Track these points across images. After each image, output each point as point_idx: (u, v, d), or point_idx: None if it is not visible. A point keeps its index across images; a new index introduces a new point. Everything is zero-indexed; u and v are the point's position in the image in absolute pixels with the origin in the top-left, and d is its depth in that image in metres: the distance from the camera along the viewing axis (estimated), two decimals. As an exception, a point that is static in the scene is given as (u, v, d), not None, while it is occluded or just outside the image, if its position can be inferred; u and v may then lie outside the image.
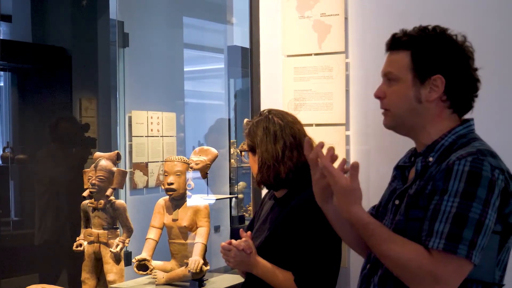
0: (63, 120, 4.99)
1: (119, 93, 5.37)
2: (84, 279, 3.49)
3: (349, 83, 2.97)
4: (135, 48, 5.44)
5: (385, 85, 1.93)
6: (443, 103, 1.87)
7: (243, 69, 6.11)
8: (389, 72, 1.91)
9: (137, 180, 5.38)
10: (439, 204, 1.72)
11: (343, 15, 2.97)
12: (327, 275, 2.38)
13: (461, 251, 1.67)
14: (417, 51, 1.87)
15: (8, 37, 5.36)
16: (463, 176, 1.70)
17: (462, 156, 1.74)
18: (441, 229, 1.69)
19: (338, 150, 2.96)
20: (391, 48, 1.93)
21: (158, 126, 5.54)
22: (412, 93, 1.87)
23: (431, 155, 1.85)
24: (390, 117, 1.93)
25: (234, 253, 2.43)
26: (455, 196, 1.70)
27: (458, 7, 2.71)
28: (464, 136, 1.85)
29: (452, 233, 1.67)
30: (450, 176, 1.72)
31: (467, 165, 1.71)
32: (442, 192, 1.73)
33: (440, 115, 1.88)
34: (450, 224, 1.68)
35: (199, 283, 3.27)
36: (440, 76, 1.84)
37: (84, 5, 5.27)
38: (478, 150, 1.75)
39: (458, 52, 1.86)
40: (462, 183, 1.70)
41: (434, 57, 1.85)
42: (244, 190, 6.07)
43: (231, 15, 6.04)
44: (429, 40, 1.87)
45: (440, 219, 1.70)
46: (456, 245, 1.67)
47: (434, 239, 1.70)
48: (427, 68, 1.85)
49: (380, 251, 1.80)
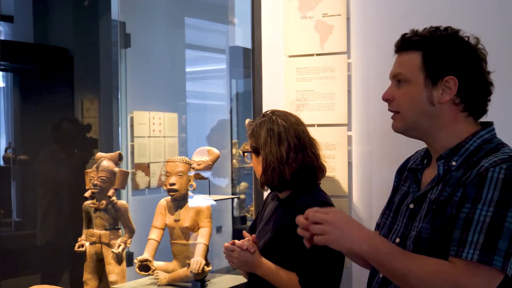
0: (65, 121, 4.99)
1: (121, 94, 5.37)
2: (86, 280, 3.49)
3: (351, 83, 2.97)
4: (137, 48, 5.44)
5: (394, 87, 1.86)
6: (456, 106, 1.80)
7: (245, 69, 6.12)
8: (399, 73, 1.84)
9: (139, 181, 5.38)
10: (472, 213, 1.65)
11: (345, 16, 2.96)
12: (331, 276, 2.38)
13: (496, 262, 1.60)
14: (429, 51, 1.80)
15: (10, 38, 5.36)
16: (498, 184, 1.64)
17: (496, 163, 1.67)
18: (475, 240, 1.62)
19: (340, 150, 2.96)
20: (400, 49, 1.86)
21: (160, 127, 5.54)
22: (424, 95, 1.80)
23: (454, 159, 1.79)
24: (401, 120, 1.85)
25: (237, 254, 2.43)
26: (489, 205, 1.63)
27: (461, 7, 2.71)
28: (490, 141, 1.79)
29: (486, 243, 1.61)
30: (484, 184, 1.66)
31: (502, 172, 1.65)
32: (474, 200, 1.66)
33: (455, 118, 1.81)
34: (484, 234, 1.61)
35: (201, 283, 3.26)
36: (453, 77, 1.77)
37: (86, 6, 5.27)
38: (510, 157, 1.69)
39: (471, 54, 1.80)
40: (497, 191, 1.63)
41: (446, 57, 1.79)
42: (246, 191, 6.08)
43: (233, 16, 6.05)
44: (441, 40, 1.81)
45: (474, 229, 1.63)
46: (491, 256, 1.60)
47: (468, 250, 1.62)
48: (439, 68, 1.79)
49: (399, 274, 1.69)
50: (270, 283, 2.43)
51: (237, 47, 6.12)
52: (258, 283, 2.48)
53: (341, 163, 2.95)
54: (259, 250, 2.47)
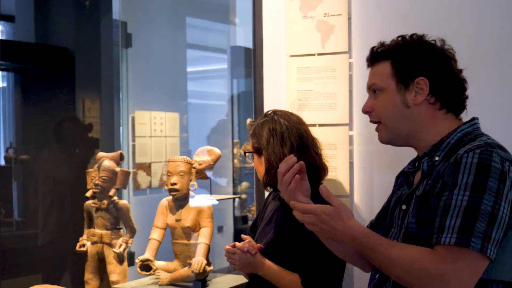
0: (66, 121, 4.99)
1: (122, 94, 5.37)
2: (87, 280, 3.48)
3: (353, 83, 2.97)
4: (138, 48, 5.45)
5: (371, 99, 1.94)
6: (432, 105, 1.86)
7: (246, 69, 6.12)
8: (372, 84, 1.92)
9: (140, 181, 5.38)
10: (449, 199, 1.67)
11: (346, 15, 2.96)
12: (333, 277, 2.38)
13: (474, 244, 1.60)
14: (397, 58, 1.87)
15: (11, 38, 5.36)
16: (472, 168, 1.66)
17: (470, 149, 1.70)
18: (453, 224, 1.63)
19: (342, 150, 2.96)
20: (372, 61, 1.94)
21: (161, 127, 5.55)
22: (398, 99, 1.86)
23: (437, 154, 1.83)
24: (384, 129, 1.92)
25: (238, 256, 2.43)
26: (465, 189, 1.65)
27: (460, 7, 2.71)
28: (470, 133, 1.83)
29: (463, 226, 1.62)
30: (459, 169, 1.68)
31: (475, 157, 1.67)
32: (451, 186, 1.69)
33: (434, 117, 1.86)
34: (461, 217, 1.63)
35: (202, 283, 3.26)
36: (422, 78, 1.84)
37: (87, 6, 5.27)
38: (486, 143, 1.72)
39: (438, 54, 1.87)
40: (472, 175, 1.65)
41: (413, 60, 1.86)
42: (247, 191, 6.07)
43: (234, 16, 6.05)
44: (407, 46, 1.88)
45: (451, 213, 1.65)
46: (469, 238, 1.60)
47: (446, 234, 1.63)
48: (408, 72, 1.85)
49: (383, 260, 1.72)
50: (272, 283, 2.43)
51: (238, 47, 6.12)
52: (259, 283, 2.48)
53: (343, 163, 2.95)
54: (261, 251, 2.47)
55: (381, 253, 1.71)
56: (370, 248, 1.73)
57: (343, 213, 1.74)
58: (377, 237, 1.75)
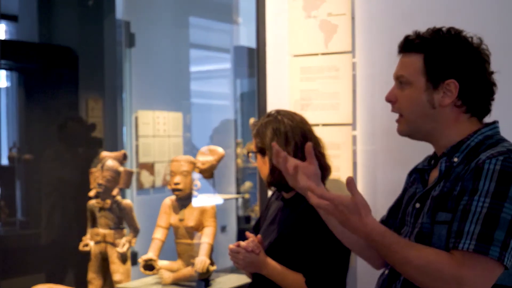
0: (69, 120, 5.00)
1: (125, 93, 5.38)
2: (90, 279, 3.49)
3: (356, 83, 2.96)
4: (141, 48, 5.45)
5: (397, 89, 1.88)
6: (458, 108, 1.82)
7: (250, 69, 6.12)
8: (401, 76, 1.86)
9: (143, 180, 5.38)
10: (469, 205, 1.66)
11: (349, 15, 2.96)
12: (338, 277, 2.38)
13: (493, 253, 1.60)
14: (430, 55, 1.81)
15: (14, 37, 5.37)
16: (494, 175, 1.65)
17: (492, 156, 1.68)
18: (472, 230, 1.62)
19: (345, 150, 2.96)
20: (403, 50, 1.88)
21: (165, 126, 5.55)
22: (425, 98, 1.82)
23: (456, 155, 1.80)
24: (404, 123, 1.88)
25: (242, 255, 2.42)
26: (486, 196, 1.64)
27: (465, 6, 2.70)
28: (491, 137, 1.80)
29: (483, 233, 1.61)
30: (480, 175, 1.67)
31: (498, 164, 1.66)
32: (472, 192, 1.67)
33: (457, 120, 1.83)
34: (481, 225, 1.62)
35: (206, 283, 3.26)
36: (453, 80, 1.79)
37: (91, 5, 5.27)
38: (509, 150, 1.70)
39: (473, 56, 1.81)
40: (493, 182, 1.64)
41: (447, 60, 1.80)
42: (250, 190, 6.07)
43: (237, 15, 6.04)
44: (443, 43, 1.81)
45: (471, 220, 1.64)
46: (488, 246, 1.60)
47: (464, 240, 1.62)
48: (440, 72, 1.80)
49: (398, 259, 1.71)
50: (275, 283, 2.43)
51: (241, 46, 6.11)
52: (262, 283, 2.48)
53: (346, 163, 2.95)
54: (264, 251, 2.46)
55: (397, 252, 1.70)
56: (385, 247, 1.71)
57: (362, 208, 1.70)
58: (393, 236, 1.73)
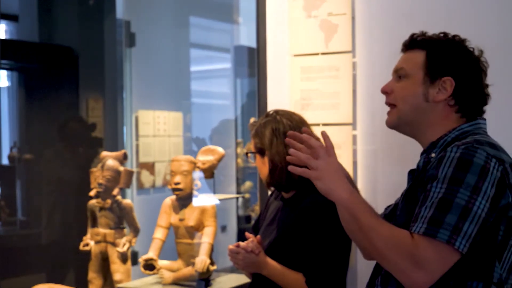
0: (70, 120, 5.00)
1: (125, 93, 5.38)
2: (90, 279, 3.49)
3: (356, 82, 2.97)
4: (141, 47, 5.45)
5: (394, 81, 1.94)
6: (450, 108, 1.87)
7: (250, 68, 6.11)
8: (401, 68, 1.92)
9: (143, 180, 5.38)
10: (428, 191, 1.70)
11: (350, 15, 2.96)
12: (338, 277, 2.37)
13: (441, 235, 1.63)
14: (433, 51, 1.88)
15: (15, 37, 5.37)
16: (453, 162, 1.69)
17: (456, 145, 1.73)
18: (425, 214, 1.67)
19: (345, 149, 2.96)
20: (408, 47, 1.95)
21: (165, 126, 5.55)
22: (421, 90, 1.87)
23: (434, 151, 1.84)
24: (395, 114, 1.92)
25: (242, 256, 2.42)
26: (443, 182, 1.68)
27: (464, 6, 2.70)
28: (468, 132, 1.84)
29: (434, 217, 1.65)
30: (441, 163, 1.71)
31: (458, 152, 1.70)
32: (432, 179, 1.72)
33: (446, 118, 1.87)
34: (434, 208, 1.66)
35: (206, 282, 3.27)
36: (450, 78, 1.84)
37: (91, 5, 5.27)
38: (474, 140, 1.74)
39: (472, 62, 1.88)
40: (451, 168, 1.68)
41: (448, 59, 1.86)
42: (250, 190, 6.07)
43: (237, 15, 6.04)
44: (446, 43, 1.89)
45: (426, 204, 1.68)
46: (437, 229, 1.63)
47: (417, 224, 1.67)
48: (439, 68, 1.86)
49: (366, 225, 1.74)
50: (276, 283, 2.42)
51: (242, 46, 6.11)
52: (262, 283, 2.48)
53: (346, 163, 2.95)
54: (264, 251, 2.46)
55: (369, 215, 1.74)
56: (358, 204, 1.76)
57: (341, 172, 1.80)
58: (367, 206, 1.79)
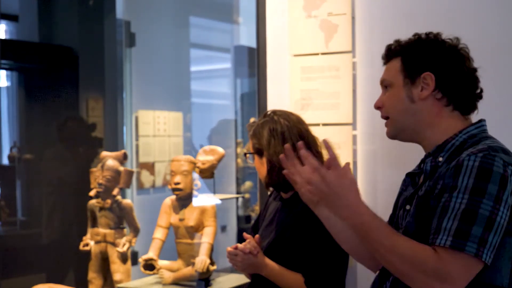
0: (70, 120, 5.00)
1: (125, 93, 5.38)
2: (90, 279, 3.49)
3: (356, 82, 2.97)
4: (141, 47, 5.45)
5: (383, 94, 1.96)
6: (439, 102, 1.86)
7: (250, 68, 6.12)
8: (383, 80, 1.94)
9: (143, 180, 5.38)
10: (448, 201, 1.67)
11: (350, 15, 2.96)
12: (337, 277, 2.37)
13: (469, 249, 1.61)
14: (407, 54, 1.89)
15: (15, 37, 5.37)
16: (473, 171, 1.66)
17: (472, 153, 1.70)
18: (449, 226, 1.64)
19: (345, 149, 2.96)
20: (386, 59, 1.96)
21: (165, 126, 5.55)
22: (404, 94, 1.88)
23: (441, 155, 1.83)
24: (390, 124, 1.93)
25: (241, 257, 2.42)
26: (464, 192, 1.65)
27: (465, 6, 2.70)
28: (475, 136, 1.83)
29: (460, 229, 1.62)
30: (460, 172, 1.68)
31: (477, 160, 1.67)
32: (451, 189, 1.68)
33: (439, 114, 1.86)
34: (458, 220, 1.63)
35: (206, 282, 3.26)
36: (429, 73, 1.84)
37: (91, 5, 5.27)
38: (489, 147, 1.71)
39: (447, 51, 1.87)
40: (472, 179, 1.65)
41: (421, 56, 1.87)
42: (250, 190, 6.07)
43: (237, 15, 6.04)
44: (419, 43, 1.90)
45: (449, 216, 1.65)
46: (464, 242, 1.61)
47: (442, 236, 1.64)
48: (415, 67, 1.86)
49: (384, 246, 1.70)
50: (275, 283, 2.42)
51: (242, 46, 6.11)
52: (261, 284, 2.48)
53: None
54: (263, 251, 2.46)
55: (385, 237, 1.70)
56: (373, 230, 1.71)
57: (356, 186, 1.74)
58: (382, 221, 1.75)
